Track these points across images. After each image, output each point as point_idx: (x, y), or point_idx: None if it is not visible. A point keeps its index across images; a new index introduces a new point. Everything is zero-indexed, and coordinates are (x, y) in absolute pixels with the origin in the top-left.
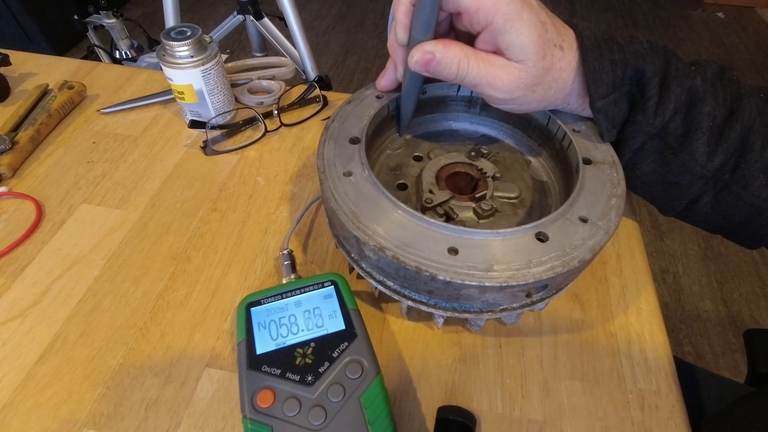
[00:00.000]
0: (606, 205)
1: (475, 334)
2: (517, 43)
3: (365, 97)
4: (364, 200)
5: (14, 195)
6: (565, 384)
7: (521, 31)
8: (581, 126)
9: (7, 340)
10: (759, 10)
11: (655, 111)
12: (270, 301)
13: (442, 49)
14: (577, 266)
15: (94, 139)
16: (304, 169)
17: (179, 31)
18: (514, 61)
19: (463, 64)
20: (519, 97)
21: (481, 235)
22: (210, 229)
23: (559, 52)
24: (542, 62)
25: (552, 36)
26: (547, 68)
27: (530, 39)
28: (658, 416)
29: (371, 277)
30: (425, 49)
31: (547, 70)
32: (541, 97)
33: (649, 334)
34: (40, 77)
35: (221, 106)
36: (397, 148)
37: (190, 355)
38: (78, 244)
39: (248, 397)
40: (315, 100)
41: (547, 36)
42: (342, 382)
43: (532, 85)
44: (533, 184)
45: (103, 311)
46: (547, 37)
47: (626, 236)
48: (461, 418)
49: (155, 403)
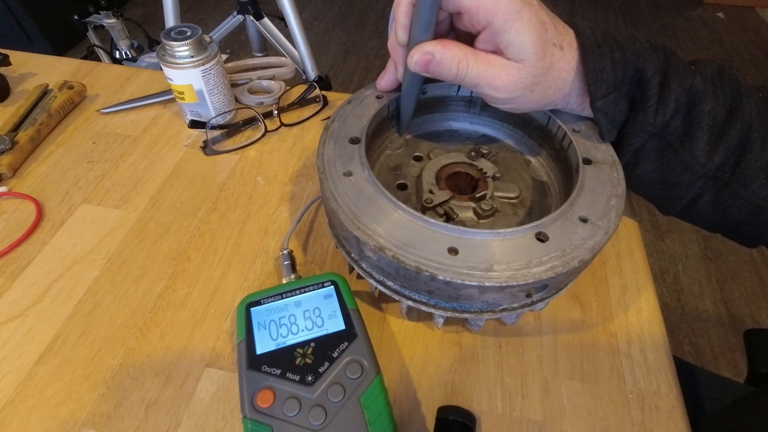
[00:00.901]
0: (606, 205)
1: (475, 334)
2: (516, 43)
3: (365, 97)
4: (364, 200)
5: (14, 195)
6: (565, 384)
7: (520, 30)
8: (581, 126)
9: (7, 340)
10: (759, 10)
11: (656, 110)
12: (270, 301)
13: (441, 50)
14: (577, 266)
15: (94, 139)
16: (304, 169)
17: (179, 31)
18: (513, 61)
19: (463, 65)
20: (518, 97)
21: (481, 235)
22: (210, 229)
23: (559, 52)
24: (542, 62)
25: (552, 36)
26: (546, 68)
27: (530, 38)
28: (658, 416)
29: (371, 277)
30: (424, 50)
31: (546, 70)
32: (540, 97)
33: (649, 334)
34: (40, 77)
35: (221, 106)
36: (397, 148)
37: (190, 355)
38: (78, 244)
39: (248, 397)
40: (315, 100)
41: (546, 36)
42: (342, 382)
43: (531, 84)
44: (533, 184)
45: (103, 311)
46: (546, 37)
47: (626, 236)
48: (461, 418)
49: (155, 403)
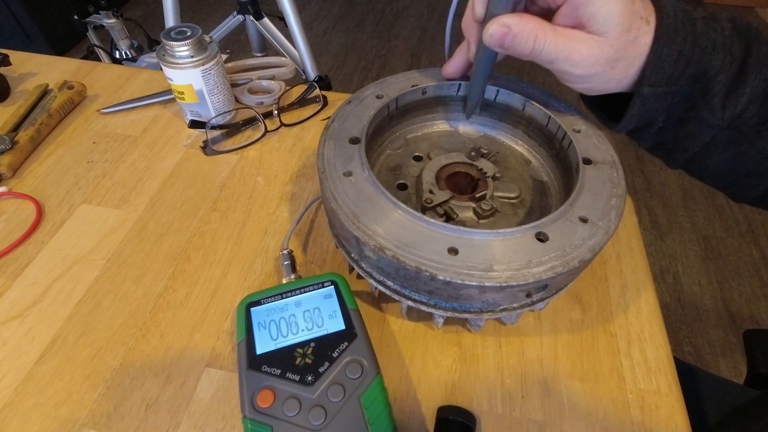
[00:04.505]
0: (606, 205)
1: (475, 334)
2: (600, 13)
3: (365, 97)
4: (364, 200)
5: (14, 195)
6: (565, 384)
7: (606, 0)
8: (581, 126)
9: (7, 340)
10: (759, 10)
11: (723, 104)
12: (270, 301)
13: (519, 21)
14: (577, 266)
15: (94, 139)
16: (304, 169)
17: (179, 31)
18: (595, 34)
19: (540, 38)
20: (597, 74)
21: (481, 235)
22: (210, 229)
23: (645, 26)
24: (626, 35)
25: (639, 8)
26: (630, 41)
27: (616, 9)
28: (658, 416)
29: (371, 277)
30: (502, 22)
31: (630, 44)
32: (621, 76)
33: (649, 334)
34: (40, 77)
35: (221, 106)
36: (397, 148)
37: (190, 355)
38: (78, 244)
39: (248, 397)
40: (315, 100)
41: (634, 7)
42: (342, 382)
43: (613, 60)
44: (533, 184)
45: (103, 311)
46: (634, 9)
47: (626, 236)
48: (461, 418)
49: (155, 403)
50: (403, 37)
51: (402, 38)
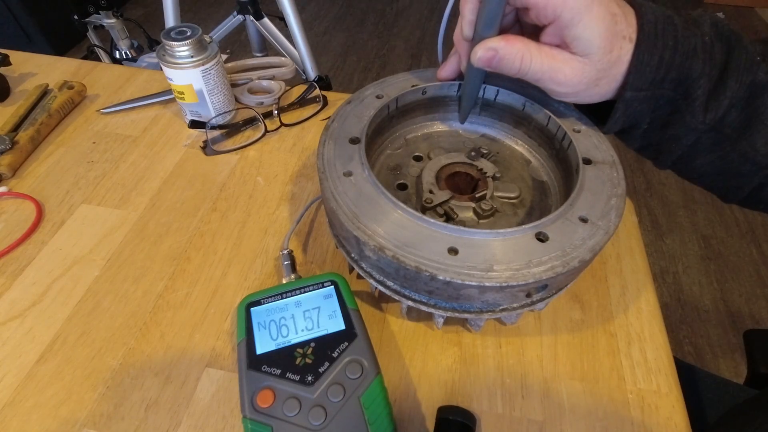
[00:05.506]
0: (606, 205)
1: (475, 334)
2: (583, 37)
3: (365, 97)
4: (364, 200)
5: (14, 195)
6: (565, 384)
7: (588, 25)
8: (581, 126)
9: (7, 340)
10: (759, 10)
11: (705, 108)
12: (270, 301)
13: (505, 45)
14: (577, 266)
15: (94, 139)
16: (304, 169)
17: (179, 31)
18: (578, 55)
19: (526, 59)
20: (581, 91)
21: (481, 235)
22: (210, 229)
23: (628, 44)
24: (608, 56)
25: (622, 27)
26: (613, 62)
27: (597, 33)
28: (658, 416)
29: (371, 277)
30: (488, 46)
31: (612, 64)
32: (604, 90)
33: (649, 334)
34: (40, 77)
35: (221, 106)
36: (397, 148)
37: (190, 355)
38: (78, 244)
39: (248, 397)
40: (315, 100)
41: (616, 28)
42: (342, 382)
43: (595, 79)
44: (533, 184)
45: (103, 311)
46: (616, 29)
47: (626, 236)
48: (461, 418)
49: (155, 403)
50: (403, 37)
51: (402, 38)
